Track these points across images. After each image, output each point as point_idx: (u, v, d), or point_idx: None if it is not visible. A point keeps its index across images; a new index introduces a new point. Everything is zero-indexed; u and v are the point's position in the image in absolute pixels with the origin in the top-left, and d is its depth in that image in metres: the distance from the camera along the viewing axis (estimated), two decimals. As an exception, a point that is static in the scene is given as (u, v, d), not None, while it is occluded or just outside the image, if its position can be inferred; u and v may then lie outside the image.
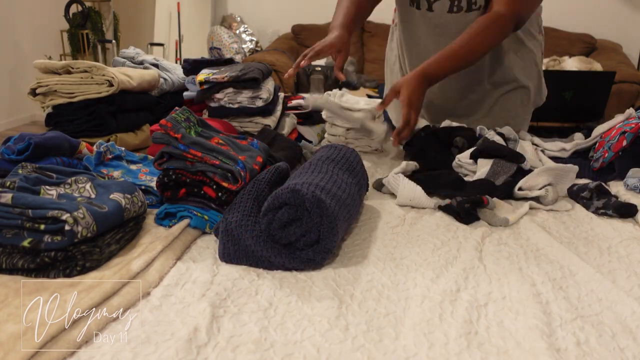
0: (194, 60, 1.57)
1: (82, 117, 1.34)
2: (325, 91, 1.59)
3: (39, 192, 0.84)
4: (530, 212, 1.08)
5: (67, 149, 1.07)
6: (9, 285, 0.74)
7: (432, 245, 0.92)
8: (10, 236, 0.77)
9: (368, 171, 1.11)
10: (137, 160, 1.20)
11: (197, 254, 0.88)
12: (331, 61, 4.28)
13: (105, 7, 4.60)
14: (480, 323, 0.70)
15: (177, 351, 0.62)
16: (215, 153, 0.95)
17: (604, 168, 1.25)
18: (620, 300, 0.76)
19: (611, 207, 1.07)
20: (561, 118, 2.75)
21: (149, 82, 1.50)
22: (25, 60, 4.39)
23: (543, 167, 1.16)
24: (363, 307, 0.73)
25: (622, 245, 0.94)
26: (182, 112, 0.98)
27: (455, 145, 1.31)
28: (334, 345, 0.65)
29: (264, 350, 0.64)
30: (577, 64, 3.77)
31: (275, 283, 0.78)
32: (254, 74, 1.39)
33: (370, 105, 1.44)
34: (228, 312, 0.71)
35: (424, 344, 0.65)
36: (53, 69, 1.35)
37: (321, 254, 0.81)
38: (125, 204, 0.86)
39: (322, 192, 0.83)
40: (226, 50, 4.62)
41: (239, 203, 0.88)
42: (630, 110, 1.31)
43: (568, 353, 0.65)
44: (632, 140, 1.22)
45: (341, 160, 1.00)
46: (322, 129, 1.58)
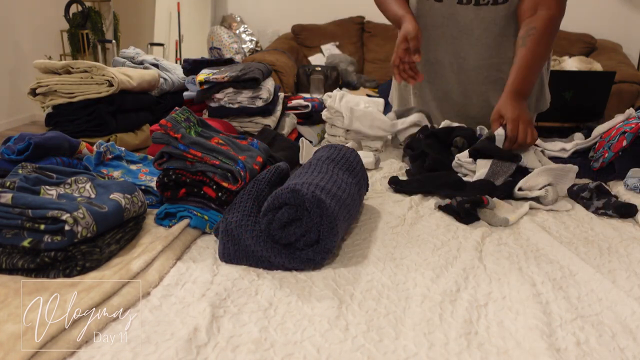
0: (194, 60, 1.57)
1: (82, 117, 1.34)
2: (325, 91, 1.60)
3: (39, 192, 0.84)
4: (530, 212, 1.08)
5: (67, 149, 1.07)
6: (9, 285, 0.74)
7: (432, 245, 0.92)
8: (10, 236, 0.77)
9: (368, 171, 1.11)
10: (137, 160, 1.20)
11: (197, 254, 0.88)
12: (331, 61, 4.29)
13: (105, 7, 4.60)
14: (480, 323, 0.70)
15: (177, 351, 0.62)
16: (215, 153, 0.95)
17: (604, 168, 1.25)
18: (620, 300, 0.76)
19: (611, 207, 1.07)
20: (561, 118, 2.75)
21: (149, 82, 1.50)
22: (25, 60, 4.40)
23: (543, 167, 1.16)
24: (363, 307, 0.73)
25: (622, 245, 0.94)
26: (182, 112, 0.98)
27: (455, 145, 1.31)
28: (334, 345, 0.65)
29: (264, 350, 0.64)
30: (577, 64, 3.76)
31: (275, 283, 0.78)
32: (254, 74, 1.39)
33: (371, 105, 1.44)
34: (228, 312, 0.71)
35: (424, 344, 0.65)
36: (53, 69, 1.35)
37: (321, 254, 0.81)
38: (125, 204, 0.86)
39: (322, 192, 0.83)
40: (226, 50, 4.62)
41: (239, 203, 0.88)
42: (630, 110, 1.31)
43: (568, 353, 0.65)
44: (632, 140, 1.22)
45: (341, 160, 1.00)
46: (322, 129, 1.58)
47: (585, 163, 1.28)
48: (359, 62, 4.56)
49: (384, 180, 1.24)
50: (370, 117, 1.41)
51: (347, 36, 4.62)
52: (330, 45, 4.57)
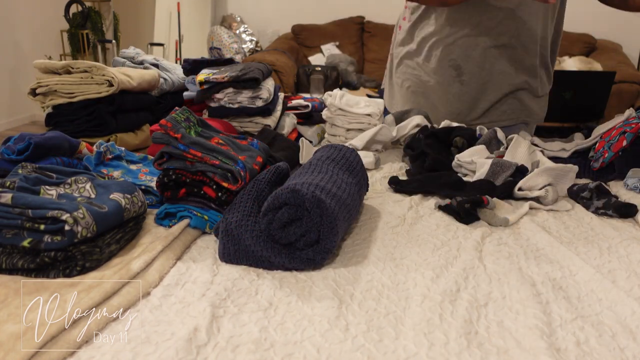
0: (194, 60, 1.57)
1: (82, 117, 1.34)
2: (325, 91, 1.60)
3: (39, 192, 0.84)
4: (530, 212, 1.08)
5: (67, 149, 1.07)
6: (9, 285, 0.74)
7: (432, 245, 0.92)
8: (10, 236, 0.77)
9: (368, 171, 1.11)
10: (137, 160, 1.20)
11: (197, 254, 0.88)
12: (331, 61, 4.29)
13: (105, 7, 4.60)
14: (480, 323, 0.70)
15: (177, 351, 0.62)
16: (215, 153, 0.95)
17: (604, 168, 1.25)
18: (620, 300, 0.76)
19: (611, 207, 1.07)
20: (561, 118, 2.75)
21: (149, 82, 1.50)
22: (25, 60, 4.39)
23: (543, 167, 1.16)
24: (363, 307, 0.73)
25: (622, 245, 0.94)
26: (182, 112, 0.98)
27: (455, 146, 1.31)
28: (334, 345, 0.65)
29: (264, 350, 0.64)
30: (577, 64, 3.76)
31: (275, 283, 0.78)
32: (254, 74, 1.39)
33: (371, 106, 1.44)
34: (228, 312, 0.71)
35: (424, 344, 0.65)
36: (53, 69, 1.35)
37: (321, 254, 0.81)
38: (125, 204, 0.86)
39: (322, 192, 0.83)
40: (226, 50, 4.62)
41: (239, 203, 0.88)
42: (630, 110, 1.31)
43: (568, 353, 0.65)
44: (632, 140, 1.22)
45: (341, 160, 1.00)
46: (322, 129, 1.58)
47: (585, 163, 1.28)
48: (359, 62, 4.56)
49: (384, 180, 1.24)
50: (371, 140, 1.41)
51: (347, 36, 4.62)
52: (330, 45, 4.57)
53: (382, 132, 1.41)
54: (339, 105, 1.45)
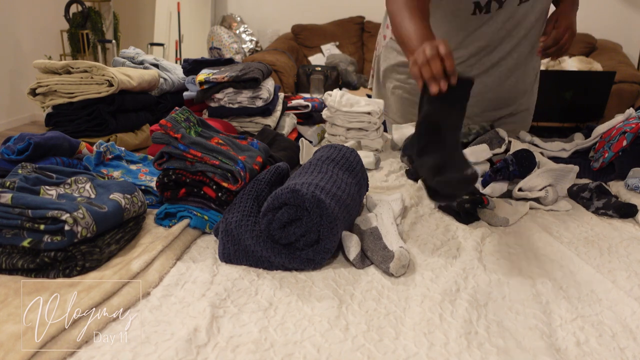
0: (194, 60, 1.56)
1: (82, 117, 1.34)
2: (325, 91, 1.59)
3: (39, 192, 0.84)
4: (530, 212, 1.08)
5: (67, 149, 1.07)
6: (9, 285, 0.74)
7: (432, 245, 0.92)
8: (10, 236, 0.77)
9: (368, 171, 1.11)
10: (137, 160, 1.20)
11: (197, 254, 0.88)
12: (331, 61, 4.29)
13: (105, 7, 4.60)
14: (480, 323, 0.70)
15: (177, 351, 0.62)
16: (215, 153, 0.95)
17: (604, 168, 1.25)
18: (620, 300, 0.76)
19: (611, 207, 1.07)
20: (561, 118, 2.75)
21: (149, 82, 1.50)
22: (25, 60, 4.39)
23: (543, 168, 1.16)
24: (363, 307, 0.73)
25: (622, 245, 0.94)
26: (182, 112, 0.98)
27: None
28: (334, 345, 0.65)
29: (264, 350, 0.64)
30: (577, 64, 3.76)
31: (275, 283, 0.78)
32: (254, 74, 1.39)
33: (371, 104, 1.44)
34: (228, 312, 0.71)
35: (424, 344, 0.65)
36: (53, 69, 1.35)
37: (321, 254, 0.81)
38: (125, 204, 0.86)
39: (322, 192, 0.83)
40: (226, 50, 4.62)
41: (239, 203, 0.88)
42: (630, 110, 1.31)
43: (568, 353, 0.65)
44: (632, 140, 1.22)
45: (341, 160, 1.00)
46: (322, 129, 1.58)
47: (585, 163, 1.28)
48: (359, 62, 4.56)
49: (384, 180, 1.24)
50: (345, 99, 1.42)
51: (347, 36, 4.61)
52: (330, 45, 4.57)
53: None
54: (339, 105, 1.45)
